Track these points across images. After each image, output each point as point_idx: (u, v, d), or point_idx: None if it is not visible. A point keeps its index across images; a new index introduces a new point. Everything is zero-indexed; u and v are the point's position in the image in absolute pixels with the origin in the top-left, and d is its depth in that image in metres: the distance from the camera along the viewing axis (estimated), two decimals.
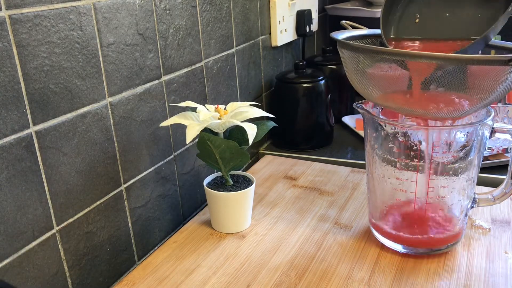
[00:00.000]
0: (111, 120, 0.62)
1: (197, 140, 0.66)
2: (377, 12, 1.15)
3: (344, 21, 0.71)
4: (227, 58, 0.85)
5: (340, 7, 1.27)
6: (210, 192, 0.70)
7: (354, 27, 0.69)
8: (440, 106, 0.57)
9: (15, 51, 0.48)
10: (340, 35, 0.65)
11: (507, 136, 0.61)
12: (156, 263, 0.65)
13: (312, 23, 1.12)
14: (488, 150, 0.88)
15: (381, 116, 0.65)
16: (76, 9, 0.55)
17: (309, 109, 1.00)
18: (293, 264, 0.64)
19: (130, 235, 0.68)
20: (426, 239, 0.63)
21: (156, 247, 0.73)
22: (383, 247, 0.66)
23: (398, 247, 0.65)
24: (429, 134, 0.59)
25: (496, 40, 0.64)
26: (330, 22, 1.33)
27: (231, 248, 0.68)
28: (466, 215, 0.64)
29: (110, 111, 0.61)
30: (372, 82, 0.60)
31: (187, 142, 0.62)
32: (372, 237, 0.69)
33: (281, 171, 0.91)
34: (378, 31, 0.68)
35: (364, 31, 0.69)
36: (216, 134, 0.68)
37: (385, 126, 0.62)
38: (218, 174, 0.74)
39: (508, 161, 0.67)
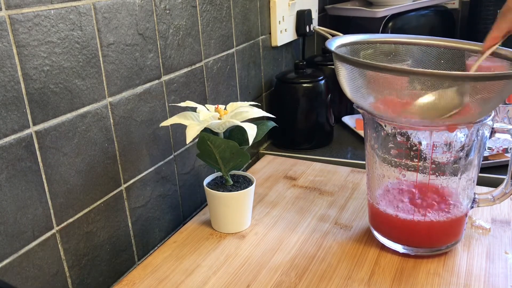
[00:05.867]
0: (111, 120, 0.62)
1: (197, 140, 0.66)
2: (377, 12, 1.15)
3: (317, 27, 0.72)
4: (227, 58, 0.85)
5: (340, 7, 1.27)
6: (210, 192, 0.70)
7: (332, 34, 0.69)
8: (438, 116, 0.57)
9: (15, 51, 0.48)
10: (335, 41, 0.65)
11: (507, 136, 0.61)
12: (156, 263, 0.65)
13: (312, 23, 1.12)
14: (488, 150, 0.88)
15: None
16: (76, 9, 0.55)
17: (309, 109, 1.00)
18: (293, 264, 0.64)
19: (130, 235, 0.68)
20: (426, 238, 0.63)
21: (156, 247, 0.73)
22: (383, 247, 0.66)
23: (398, 247, 0.65)
24: (429, 134, 0.59)
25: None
26: (330, 22, 1.33)
27: (231, 248, 0.68)
28: (466, 215, 0.64)
29: (110, 111, 0.61)
30: (367, 91, 0.59)
31: (187, 142, 0.62)
32: (372, 237, 0.69)
33: (281, 171, 0.91)
34: (361, 36, 0.68)
35: (359, 36, 0.69)
36: (216, 134, 0.68)
37: (385, 126, 0.62)
38: (218, 174, 0.74)
39: (508, 161, 0.67)
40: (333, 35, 0.68)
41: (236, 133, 0.70)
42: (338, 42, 0.66)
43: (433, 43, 0.70)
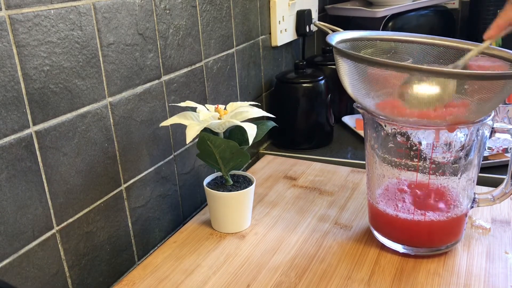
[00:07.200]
0: (111, 120, 0.62)
1: (197, 140, 0.66)
2: (377, 12, 1.15)
3: (317, 22, 0.71)
4: (227, 58, 0.85)
5: (340, 7, 1.27)
6: (210, 192, 0.70)
7: (332, 30, 0.69)
8: (437, 115, 0.57)
9: (15, 51, 0.48)
10: (336, 36, 0.65)
11: (507, 136, 0.61)
12: (156, 263, 0.65)
13: (312, 23, 1.12)
14: (488, 150, 0.88)
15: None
16: (76, 9, 0.55)
17: (309, 109, 1.00)
18: (293, 264, 0.64)
19: (130, 235, 0.68)
20: (426, 238, 0.63)
21: (156, 247, 0.73)
22: (383, 247, 0.66)
23: (398, 247, 0.65)
24: (429, 134, 0.59)
25: (495, 46, 0.64)
26: (330, 22, 1.33)
27: (231, 248, 0.68)
28: (466, 215, 0.64)
29: (110, 111, 0.61)
30: (367, 88, 0.59)
31: (187, 142, 0.62)
32: (372, 237, 0.69)
33: (281, 171, 0.91)
34: (361, 33, 0.68)
35: (360, 32, 0.69)
36: (216, 134, 0.68)
37: (385, 126, 0.62)
38: (218, 174, 0.74)
39: (508, 161, 0.67)
40: (333, 31, 0.68)
41: (236, 133, 0.70)
42: (338, 37, 0.66)
43: (434, 42, 0.70)
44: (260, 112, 0.69)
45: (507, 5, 0.59)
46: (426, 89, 0.54)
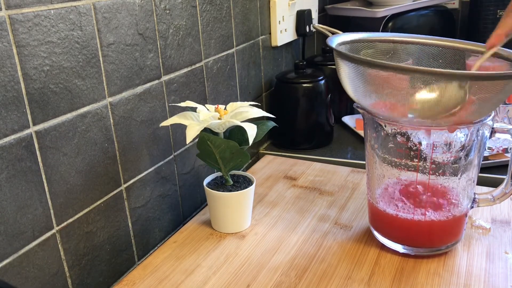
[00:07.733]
0: (111, 120, 0.62)
1: (197, 140, 0.66)
2: (377, 12, 1.15)
3: (317, 25, 0.72)
4: (227, 58, 0.85)
5: (340, 7, 1.27)
6: (210, 192, 0.70)
7: (331, 32, 0.69)
8: (441, 113, 0.57)
9: (15, 51, 0.48)
10: (336, 39, 0.65)
11: (507, 136, 0.61)
12: (156, 263, 0.65)
13: (312, 23, 1.12)
14: (488, 150, 0.88)
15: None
16: (76, 9, 0.55)
17: (309, 109, 1.00)
18: (293, 264, 0.64)
19: (130, 235, 0.68)
20: (426, 238, 0.63)
21: (156, 247, 0.73)
22: (383, 247, 0.66)
23: (398, 247, 0.65)
24: (429, 134, 0.59)
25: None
26: (330, 22, 1.33)
27: (231, 248, 0.68)
28: (466, 215, 0.64)
29: (110, 111, 0.61)
30: (368, 89, 0.59)
31: (187, 142, 0.62)
32: (372, 237, 0.69)
33: (281, 171, 0.91)
34: (361, 34, 0.68)
35: (360, 34, 0.69)
36: (216, 134, 0.68)
37: (385, 126, 0.62)
38: (218, 174, 0.74)
39: (508, 161, 0.67)
40: (332, 33, 0.68)
41: (236, 133, 0.70)
42: (338, 40, 0.66)
43: (433, 42, 0.70)
44: (260, 112, 0.69)
45: (504, 15, 0.59)
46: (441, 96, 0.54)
